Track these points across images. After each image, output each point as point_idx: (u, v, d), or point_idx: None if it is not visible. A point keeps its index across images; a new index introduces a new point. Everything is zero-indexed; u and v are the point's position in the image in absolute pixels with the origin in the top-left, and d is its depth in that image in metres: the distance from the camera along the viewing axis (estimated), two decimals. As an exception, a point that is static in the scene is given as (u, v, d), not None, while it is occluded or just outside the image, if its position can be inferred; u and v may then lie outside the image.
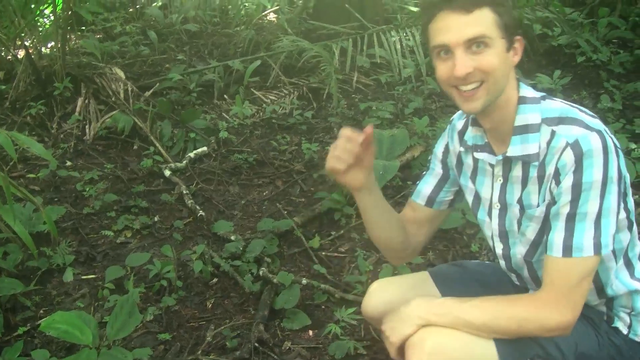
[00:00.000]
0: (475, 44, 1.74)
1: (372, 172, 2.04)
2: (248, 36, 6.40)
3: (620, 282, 1.91)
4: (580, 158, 1.72)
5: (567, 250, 1.74)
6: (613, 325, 1.97)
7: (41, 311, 3.21)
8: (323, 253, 3.66)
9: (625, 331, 1.95)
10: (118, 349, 2.72)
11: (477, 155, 1.98)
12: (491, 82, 1.77)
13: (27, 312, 3.17)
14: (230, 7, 7.47)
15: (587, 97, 5.36)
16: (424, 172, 2.24)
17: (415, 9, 6.82)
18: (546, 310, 1.74)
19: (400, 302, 2.21)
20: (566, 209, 1.75)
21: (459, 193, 2.18)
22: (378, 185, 2.12)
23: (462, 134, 2.06)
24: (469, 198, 2.10)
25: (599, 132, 1.74)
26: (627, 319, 1.95)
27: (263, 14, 7.38)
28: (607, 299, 1.96)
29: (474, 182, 2.05)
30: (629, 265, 1.93)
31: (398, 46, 5.69)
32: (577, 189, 1.72)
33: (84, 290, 3.36)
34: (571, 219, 1.74)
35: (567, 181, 1.73)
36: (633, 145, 4.34)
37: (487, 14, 1.75)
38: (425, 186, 2.20)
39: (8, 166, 4.41)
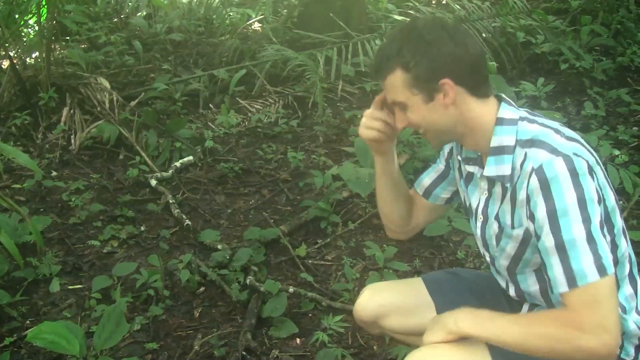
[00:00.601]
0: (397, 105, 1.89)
1: (395, 139, 2.14)
2: (233, 45, 6.40)
3: None
4: (547, 185, 1.68)
5: (571, 281, 1.65)
6: None
7: (27, 322, 3.19)
8: (310, 261, 3.67)
9: (618, 352, 1.96)
10: (105, 359, 2.72)
11: (468, 167, 2.02)
12: (429, 130, 1.89)
13: (14, 322, 3.15)
14: (214, 16, 7.45)
15: (571, 104, 5.41)
16: (432, 163, 2.29)
17: (399, 18, 6.86)
18: (578, 332, 1.63)
19: (393, 306, 2.24)
20: (551, 241, 1.68)
21: (457, 193, 2.21)
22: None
23: None
24: (466, 203, 2.12)
25: (565, 156, 1.70)
26: (620, 340, 1.96)
27: (247, 23, 7.38)
28: None
29: (466, 189, 2.08)
30: None
31: (383, 55, 5.70)
32: (553, 218, 1.67)
33: (71, 301, 3.35)
34: (561, 249, 1.66)
35: (541, 211, 1.69)
36: (617, 152, 4.38)
37: (396, 77, 1.83)
38: (426, 177, 2.26)
39: (-7, 177, 4.40)
